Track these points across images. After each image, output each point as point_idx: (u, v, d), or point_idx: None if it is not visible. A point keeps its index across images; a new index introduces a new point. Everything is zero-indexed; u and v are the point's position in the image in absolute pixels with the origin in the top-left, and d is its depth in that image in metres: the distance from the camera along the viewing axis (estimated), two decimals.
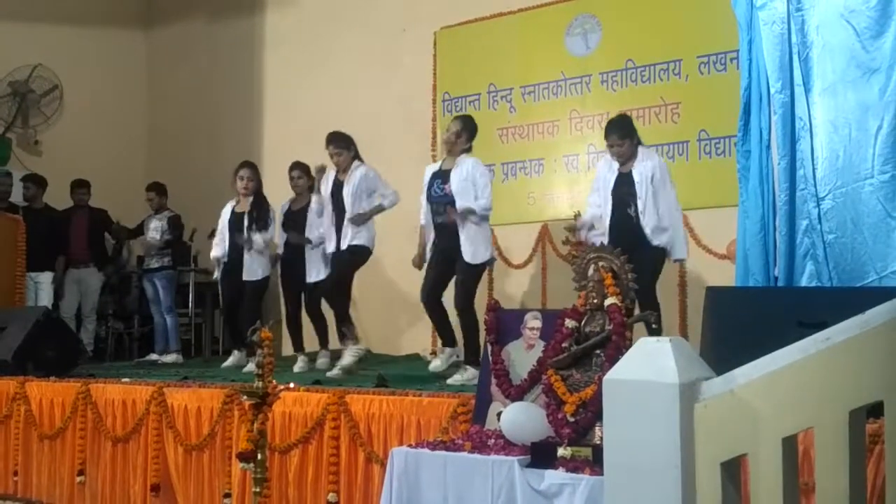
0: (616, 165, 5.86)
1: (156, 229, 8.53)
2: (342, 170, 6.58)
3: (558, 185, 7.96)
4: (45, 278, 8.81)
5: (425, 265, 6.19)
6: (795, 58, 4.54)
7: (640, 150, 5.85)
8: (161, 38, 11.10)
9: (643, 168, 5.73)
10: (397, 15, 8.92)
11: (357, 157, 6.63)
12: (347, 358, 6.34)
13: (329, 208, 6.60)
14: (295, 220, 7.19)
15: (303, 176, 7.19)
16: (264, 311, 9.08)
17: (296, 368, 6.93)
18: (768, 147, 4.66)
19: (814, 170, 4.46)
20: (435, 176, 6.18)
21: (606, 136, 5.89)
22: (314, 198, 6.66)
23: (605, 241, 5.60)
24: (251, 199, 7.33)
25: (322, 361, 6.98)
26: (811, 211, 4.45)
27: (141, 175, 10.31)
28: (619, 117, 6.13)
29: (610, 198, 5.81)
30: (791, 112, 4.56)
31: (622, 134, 5.82)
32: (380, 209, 6.59)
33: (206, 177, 8.34)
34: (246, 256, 7.20)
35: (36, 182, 9.07)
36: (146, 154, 10.94)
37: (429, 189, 6.17)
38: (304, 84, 9.48)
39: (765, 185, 4.66)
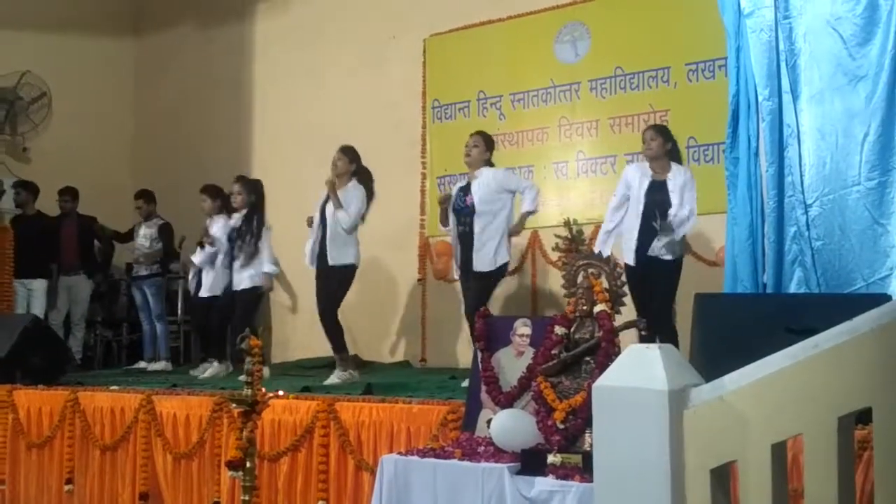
0: (650, 173, 5.93)
1: (145, 237, 8.51)
2: (337, 175, 6.59)
3: (548, 192, 7.94)
4: (39, 286, 8.77)
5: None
6: (783, 65, 4.56)
7: (674, 165, 5.95)
8: (150, 46, 11.08)
9: (677, 181, 5.83)
10: (387, 22, 8.92)
11: (357, 174, 6.65)
12: (333, 379, 6.36)
13: (316, 222, 6.61)
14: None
15: (206, 199, 7.72)
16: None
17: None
18: (756, 154, 4.68)
19: (801, 177, 4.48)
20: (460, 189, 6.34)
21: (644, 133, 6.08)
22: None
23: (633, 249, 5.77)
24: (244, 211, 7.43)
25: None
26: (799, 218, 4.47)
27: (129, 182, 10.27)
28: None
29: (643, 200, 5.86)
30: (779, 119, 4.58)
31: (657, 131, 6.00)
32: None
33: (195, 184, 8.29)
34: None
35: (27, 188, 9.03)
36: (135, 161, 10.90)
37: (454, 202, 6.30)
38: (293, 91, 9.47)
39: (753, 192, 4.68)
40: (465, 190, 6.25)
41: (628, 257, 5.81)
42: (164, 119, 10.67)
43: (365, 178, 6.66)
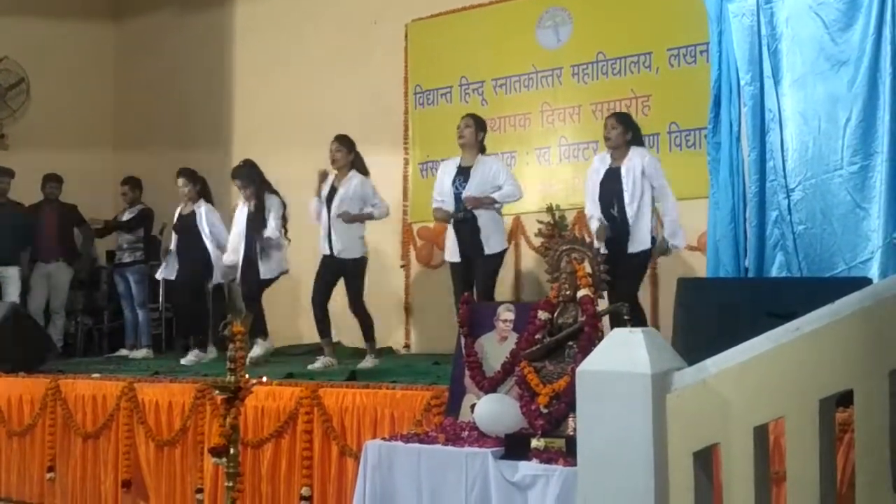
0: (608, 160, 5.87)
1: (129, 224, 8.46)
2: (338, 168, 6.53)
3: (530, 177, 7.94)
4: (12, 273, 8.68)
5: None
6: (765, 50, 4.58)
7: (633, 148, 5.83)
8: (130, 30, 10.97)
9: (632, 164, 5.72)
10: (368, 7, 8.87)
11: (356, 163, 6.58)
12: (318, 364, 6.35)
13: (324, 212, 6.56)
14: (185, 224, 7.61)
15: (188, 184, 7.59)
16: (232, 305, 9.04)
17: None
18: (738, 139, 4.70)
19: (783, 161, 4.50)
20: (456, 173, 6.30)
21: (606, 119, 6.00)
22: (314, 201, 6.57)
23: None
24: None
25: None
26: (781, 202, 4.49)
27: (109, 169, 10.20)
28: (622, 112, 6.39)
29: (597, 192, 5.81)
30: (761, 104, 4.60)
31: (619, 119, 5.91)
32: (368, 216, 6.55)
33: (176, 170, 8.26)
34: None
35: (10, 174, 8.94)
36: (114, 147, 10.81)
37: (455, 189, 6.26)
38: (274, 76, 9.42)
39: (735, 177, 4.70)
40: (465, 176, 6.24)
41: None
42: (144, 105, 10.58)
43: (361, 165, 6.60)
